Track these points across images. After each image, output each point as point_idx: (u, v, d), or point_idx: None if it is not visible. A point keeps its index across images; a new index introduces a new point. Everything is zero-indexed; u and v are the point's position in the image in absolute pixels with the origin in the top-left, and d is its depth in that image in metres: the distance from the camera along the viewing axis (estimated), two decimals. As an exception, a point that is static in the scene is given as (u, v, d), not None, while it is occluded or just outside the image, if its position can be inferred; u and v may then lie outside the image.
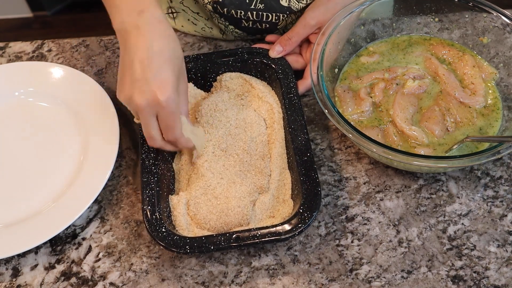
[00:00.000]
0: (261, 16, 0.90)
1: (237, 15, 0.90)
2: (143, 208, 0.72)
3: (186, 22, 0.98)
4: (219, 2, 0.88)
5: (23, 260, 0.76)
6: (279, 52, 0.87)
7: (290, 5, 0.88)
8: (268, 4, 0.88)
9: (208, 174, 0.77)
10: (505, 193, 0.79)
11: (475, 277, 0.72)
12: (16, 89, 0.91)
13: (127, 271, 0.74)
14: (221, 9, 0.89)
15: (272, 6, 0.89)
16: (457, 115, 0.81)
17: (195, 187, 0.77)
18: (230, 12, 0.89)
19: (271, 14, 0.90)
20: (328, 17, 0.86)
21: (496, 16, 0.85)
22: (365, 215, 0.77)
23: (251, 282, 0.73)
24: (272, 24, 0.92)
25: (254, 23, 0.92)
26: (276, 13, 0.90)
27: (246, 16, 0.90)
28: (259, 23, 0.91)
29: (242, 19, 0.91)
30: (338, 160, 0.83)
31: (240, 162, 0.79)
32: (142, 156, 0.77)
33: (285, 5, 0.88)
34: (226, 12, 0.89)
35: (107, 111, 0.85)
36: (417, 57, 0.89)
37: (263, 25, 0.92)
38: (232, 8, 0.89)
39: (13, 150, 0.86)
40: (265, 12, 0.89)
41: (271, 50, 0.88)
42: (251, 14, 0.90)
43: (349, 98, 0.84)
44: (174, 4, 0.96)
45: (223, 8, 0.89)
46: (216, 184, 0.77)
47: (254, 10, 0.89)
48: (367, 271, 0.73)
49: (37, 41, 1.01)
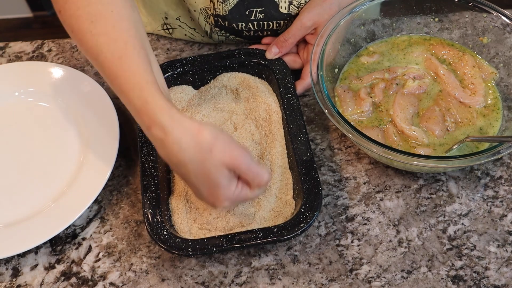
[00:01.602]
0: (261, 25, 0.90)
1: (238, 27, 0.90)
2: (144, 212, 0.72)
3: (183, 37, 0.97)
4: (220, 15, 0.88)
5: (23, 260, 0.76)
6: (276, 54, 0.87)
7: (289, 12, 0.88)
8: (268, 13, 0.88)
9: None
10: (505, 193, 0.79)
11: (475, 277, 0.72)
12: (16, 89, 0.91)
13: (127, 271, 0.74)
14: (222, 22, 0.89)
15: (272, 14, 0.88)
16: (457, 115, 0.81)
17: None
18: (231, 25, 0.89)
19: (272, 22, 0.90)
20: (325, 18, 0.86)
21: (496, 16, 0.85)
22: (365, 215, 0.77)
23: (251, 282, 0.73)
24: (273, 31, 0.92)
25: (256, 32, 0.92)
26: (276, 20, 0.90)
27: (247, 28, 0.90)
28: (260, 31, 0.91)
29: (244, 30, 0.91)
30: (338, 160, 0.83)
31: None
32: (142, 160, 0.77)
33: (285, 12, 0.88)
34: (228, 25, 0.89)
35: (107, 111, 0.85)
36: (417, 57, 0.89)
37: (265, 33, 0.92)
38: (233, 22, 0.89)
39: (13, 150, 0.86)
40: (265, 21, 0.89)
41: (267, 52, 0.87)
42: (252, 25, 0.90)
43: (349, 98, 0.84)
44: (170, 20, 0.95)
45: (224, 21, 0.89)
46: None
47: (254, 21, 0.89)
48: (367, 271, 0.73)
49: (37, 41, 1.01)
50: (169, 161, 0.67)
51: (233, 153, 0.64)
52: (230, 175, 0.65)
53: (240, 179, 0.67)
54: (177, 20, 0.95)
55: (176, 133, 0.63)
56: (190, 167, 0.64)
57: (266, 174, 0.67)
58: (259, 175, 0.66)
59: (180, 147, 0.63)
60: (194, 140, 0.63)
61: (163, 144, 0.64)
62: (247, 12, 0.88)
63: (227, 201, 0.67)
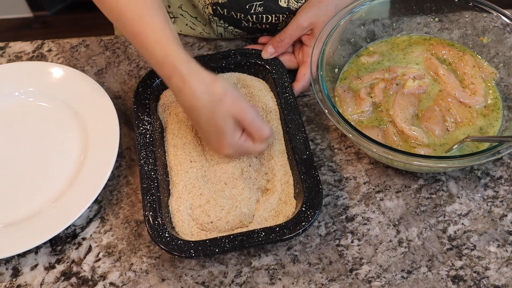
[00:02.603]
0: (260, 18, 0.90)
1: (237, 16, 0.90)
2: (144, 215, 0.72)
3: (184, 26, 0.98)
4: (219, 3, 0.88)
5: (23, 260, 0.76)
6: (272, 54, 0.87)
7: (289, 6, 0.88)
8: (267, 6, 0.88)
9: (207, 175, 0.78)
10: (505, 193, 0.79)
11: (475, 277, 0.72)
12: (16, 89, 0.91)
13: (127, 271, 0.74)
14: (221, 10, 0.89)
15: (271, 8, 0.89)
16: (457, 115, 0.81)
17: (195, 189, 0.77)
18: (230, 13, 0.89)
19: (271, 16, 0.90)
20: (321, 18, 0.86)
21: (496, 16, 0.85)
22: (365, 215, 0.77)
23: (251, 282, 0.73)
24: (272, 24, 0.92)
25: (254, 24, 0.92)
26: (275, 14, 0.90)
27: (246, 18, 0.90)
28: (259, 24, 0.92)
29: (242, 20, 0.91)
30: (338, 160, 0.83)
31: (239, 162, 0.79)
32: (141, 162, 0.77)
33: (284, 6, 0.88)
34: (226, 13, 0.89)
35: (107, 111, 0.85)
36: (417, 57, 0.89)
37: (263, 26, 0.92)
38: (232, 11, 0.89)
39: (13, 150, 0.86)
40: (264, 14, 0.89)
41: (263, 51, 0.88)
42: (250, 17, 0.90)
43: (349, 98, 0.83)
44: (172, 9, 0.96)
45: (223, 9, 0.89)
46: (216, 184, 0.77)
47: (253, 14, 0.89)
48: (367, 271, 0.73)
49: (37, 41, 1.01)
50: (185, 107, 0.75)
51: (240, 106, 0.72)
52: (236, 125, 0.73)
53: (245, 132, 0.74)
54: (179, 8, 0.95)
55: (193, 82, 0.71)
56: (202, 113, 0.72)
57: (267, 130, 0.75)
58: (261, 129, 0.74)
59: (195, 95, 0.71)
60: (208, 90, 0.71)
61: (181, 91, 0.72)
62: (247, 6, 0.88)
63: (230, 148, 0.74)
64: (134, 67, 0.96)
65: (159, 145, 0.80)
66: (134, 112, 0.82)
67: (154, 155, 0.78)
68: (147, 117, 0.82)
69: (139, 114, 0.82)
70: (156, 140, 0.80)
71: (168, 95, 0.87)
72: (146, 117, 0.82)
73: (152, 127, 0.81)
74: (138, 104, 0.83)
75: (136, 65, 0.96)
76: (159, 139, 0.81)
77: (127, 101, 0.91)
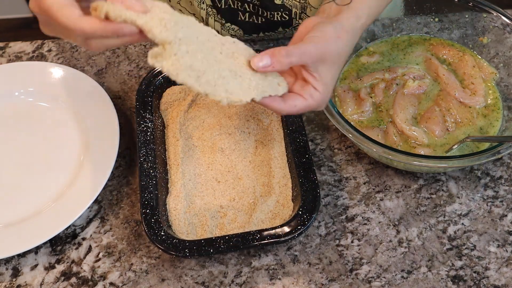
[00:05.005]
0: (256, 9, 0.90)
1: (234, 5, 0.90)
2: (141, 212, 0.72)
3: None
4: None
5: (23, 260, 0.76)
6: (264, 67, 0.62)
7: (283, 2, 0.88)
8: (263, 2, 0.88)
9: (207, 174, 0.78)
10: (505, 193, 0.79)
11: (475, 277, 0.72)
12: (16, 89, 0.91)
13: (127, 271, 0.74)
14: (218, 1, 0.89)
15: (266, 5, 0.88)
16: (457, 115, 0.81)
17: (193, 188, 0.77)
18: (228, 3, 0.89)
19: (266, 12, 0.90)
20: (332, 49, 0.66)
21: (496, 16, 0.85)
22: (365, 215, 0.77)
23: (251, 282, 0.73)
24: (267, 20, 0.91)
25: (251, 16, 0.91)
26: (270, 11, 0.89)
27: (243, 7, 0.90)
28: (255, 15, 0.91)
29: (239, 11, 0.90)
30: (338, 160, 0.83)
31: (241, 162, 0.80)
32: (140, 160, 0.77)
33: (279, 3, 0.88)
34: (224, 4, 0.89)
35: (107, 111, 0.85)
36: (417, 57, 0.89)
37: (259, 19, 0.92)
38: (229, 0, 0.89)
39: (13, 150, 0.85)
40: (260, 7, 0.89)
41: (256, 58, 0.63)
42: (247, 5, 0.89)
43: (349, 98, 0.83)
44: (172, 3, 0.96)
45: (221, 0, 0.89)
46: (215, 183, 0.77)
47: (250, 3, 0.89)
48: (367, 271, 0.73)
49: (37, 41, 1.01)
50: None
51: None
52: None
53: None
54: (178, 4, 0.95)
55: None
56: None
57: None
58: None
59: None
60: None
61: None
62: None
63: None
64: (134, 67, 0.96)
65: (160, 143, 0.80)
66: (136, 109, 0.82)
67: (154, 153, 0.78)
68: (149, 115, 0.82)
69: (140, 112, 0.82)
70: (157, 138, 0.80)
71: (171, 93, 0.86)
72: (147, 114, 0.82)
73: (154, 125, 0.81)
74: (141, 102, 0.83)
75: (136, 65, 0.96)
76: (160, 137, 0.81)
77: (127, 101, 0.91)
